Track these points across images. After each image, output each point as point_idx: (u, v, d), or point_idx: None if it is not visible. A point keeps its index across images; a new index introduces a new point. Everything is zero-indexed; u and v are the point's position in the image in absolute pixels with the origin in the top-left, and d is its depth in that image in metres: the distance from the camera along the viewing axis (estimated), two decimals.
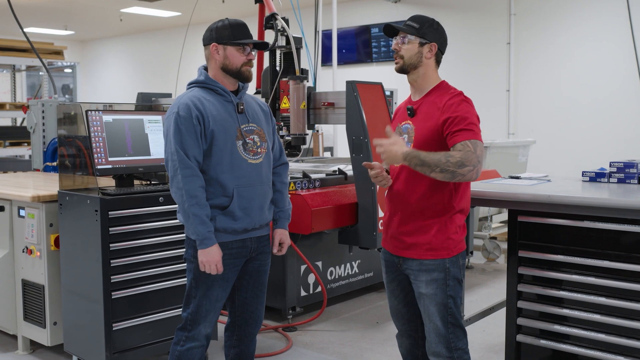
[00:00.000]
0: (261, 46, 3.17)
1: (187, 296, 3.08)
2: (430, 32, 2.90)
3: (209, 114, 2.96)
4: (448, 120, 2.75)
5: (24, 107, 6.75)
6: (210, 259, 2.92)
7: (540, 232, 3.38)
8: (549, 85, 8.90)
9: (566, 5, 8.68)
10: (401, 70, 2.95)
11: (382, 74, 10.61)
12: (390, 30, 2.98)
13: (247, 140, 3.05)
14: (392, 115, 3.21)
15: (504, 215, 6.91)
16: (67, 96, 19.51)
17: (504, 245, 7.34)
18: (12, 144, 9.18)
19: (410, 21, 2.94)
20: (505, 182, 3.79)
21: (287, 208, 3.28)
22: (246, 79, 3.09)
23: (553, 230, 3.34)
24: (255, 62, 6.10)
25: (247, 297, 3.19)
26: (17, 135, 9.18)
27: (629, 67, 8.08)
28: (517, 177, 3.95)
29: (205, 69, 3.11)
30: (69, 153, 4.09)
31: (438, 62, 2.96)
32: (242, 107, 3.07)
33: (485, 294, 5.77)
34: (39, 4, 11.88)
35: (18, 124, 10.01)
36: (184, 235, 3.07)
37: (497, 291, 5.89)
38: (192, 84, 3.10)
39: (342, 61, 11.11)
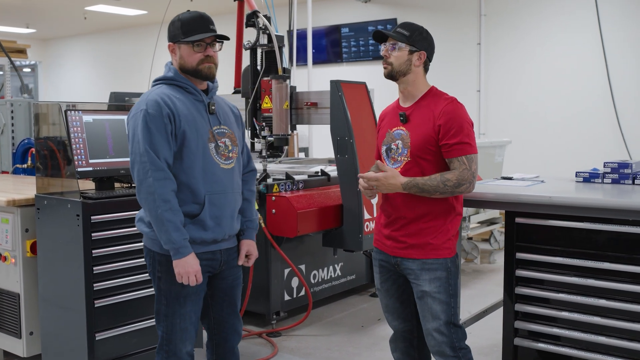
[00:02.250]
0: (221, 38, 2.84)
1: (157, 314, 2.85)
2: (420, 40, 2.92)
3: (180, 113, 2.73)
4: (444, 129, 2.81)
5: None
6: (189, 269, 2.69)
7: (539, 234, 3.33)
8: (520, 85, 8.94)
9: (536, 5, 8.72)
10: (389, 76, 2.97)
11: (353, 74, 10.57)
12: (379, 36, 2.98)
13: (219, 144, 2.82)
14: (379, 119, 3.19)
15: (482, 216, 6.90)
16: (25, 95, 18.99)
17: (482, 246, 7.37)
18: None
19: (401, 28, 2.94)
20: (500, 183, 3.74)
21: (255, 218, 3.06)
22: (206, 77, 2.81)
23: (552, 231, 3.29)
24: (233, 60, 6.03)
25: (223, 314, 2.97)
26: None
27: (597, 65, 8.16)
28: (510, 178, 3.90)
29: None
30: (46, 155, 3.90)
31: (426, 69, 3.00)
32: (213, 107, 2.84)
33: (467, 295, 5.72)
34: None
35: None
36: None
37: (478, 292, 5.87)
38: (159, 81, 2.86)
39: (313, 61, 10.99)
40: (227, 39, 2.87)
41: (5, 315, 4.07)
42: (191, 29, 2.77)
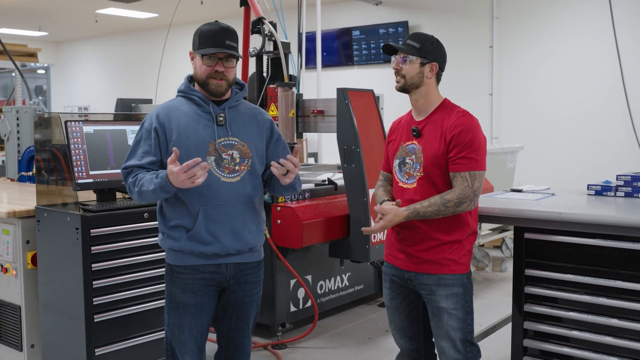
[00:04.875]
0: (232, 56, 2.77)
1: (164, 321, 2.87)
2: (431, 51, 2.86)
3: (174, 126, 2.71)
4: (453, 142, 2.76)
5: None
6: (175, 177, 2.53)
7: (548, 250, 3.22)
8: (532, 88, 8.80)
9: (549, 8, 8.58)
10: (402, 89, 2.91)
11: (364, 77, 10.49)
12: (389, 49, 2.90)
13: (224, 156, 2.73)
14: (388, 132, 3.11)
15: (493, 224, 6.78)
16: (40, 98, 19.07)
17: (493, 253, 7.25)
18: None
19: (411, 40, 2.87)
20: (509, 196, 3.63)
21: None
22: (212, 93, 2.76)
23: (562, 248, 3.18)
24: (239, 68, 5.96)
25: (231, 329, 2.91)
26: None
27: (612, 70, 8.00)
28: (519, 190, 3.79)
29: None
30: (47, 166, 3.85)
31: (439, 80, 2.93)
32: (221, 118, 2.76)
33: (478, 305, 5.59)
34: (11, 4, 11.53)
35: None
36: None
37: (489, 302, 5.76)
38: (177, 93, 2.87)
39: (324, 64, 10.91)
40: (239, 57, 2.80)
41: (6, 328, 4.02)
42: (206, 42, 2.73)
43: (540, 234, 3.21)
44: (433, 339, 2.98)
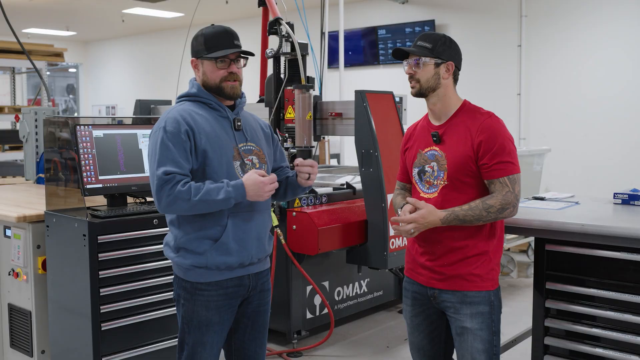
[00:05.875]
0: (245, 54, 2.71)
1: (180, 341, 2.73)
2: (444, 50, 2.67)
3: (201, 131, 2.59)
4: (484, 147, 2.59)
5: (16, 115, 6.45)
6: (258, 189, 2.52)
7: (571, 263, 3.07)
8: (562, 88, 8.57)
9: (580, 5, 8.34)
10: (419, 94, 2.72)
11: (389, 76, 10.34)
12: (400, 53, 2.72)
13: (246, 161, 2.67)
14: (403, 139, 2.92)
15: None
16: (71, 96, 19.34)
17: (518, 258, 7.06)
18: (12, 148, 8.90)
19: (422, 41, 2.69)
20: (531, 205, 3.47)
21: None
22: (229, 96, 2.68)
23: (585, 261, 3.02)
24: (254, 68, 5.86)
25: (244, 340, 2.80)
26: (17, 139, 8.87)
27: None
28: (542, 199, 3.63)
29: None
30: (56, 170, 3.79)
31: (456, 80, 2.75)
32: (239, 123, 2.70)
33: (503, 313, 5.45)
34: (39, 4, 11.61)
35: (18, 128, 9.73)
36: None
37: (514, 310, 5.58)
38: (182, 97, 2.74)
39: (349, 63, 10.81)
40: (252, 54, 2.72)
41: (17, 333, 3.98)
42: (215, 45, 2.63)
43: (562, 246, 3.05)
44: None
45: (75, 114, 17.53)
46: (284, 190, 2.88)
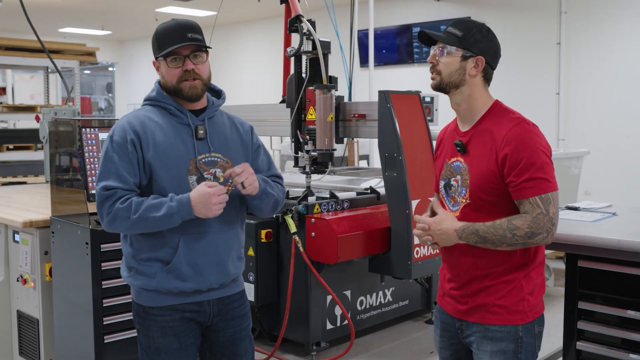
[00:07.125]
0: (198, 46, 2.38)
1: None
2: (477, 41, 2.24)
3: (150, 141, 2.33)
4: (510, 161, 2.16)
5: (36, 116, 6.39)
6: (205, 201, 2.23)
7: (605, 281, 2.80)
8: (603, 88, 8.20)
9: (621, 2, 7.96)
10: (437, 88, 2.30)
11: (423, 75, 9.99)
12: (426, 37, 2.31)
13: (206, 175, 2.37)
14: (436, 143, 2.52)
15: None
16: (110, 94, 19.52)
17: (553, 265, 6.72)
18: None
19: (453, 27, 2.28)
20: (563, 215, 3.18)
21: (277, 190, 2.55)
22: (188, 97, 2.38)
23: (621, 279, 2.75)
24: (281, 68, 5.68)
25: None
26: None
27: None
28: (576, 209, 3.34)
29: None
30: (61, 174, 3.66)
31: (487, 79, 2.30)
32: (201, 131, 2.41)
33: None
34: (74, 4, 11.67)
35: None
36: None
37: (548, 323, 5.27)
38: (145, 101, 2.49)
39: (382, 62, 10.59)
40: (206, 46, 2.41)
41: (26, 340, 3.87)
42: (166, 42, 2.36)
43: (596, 263, 2.78)
44: None
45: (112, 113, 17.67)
46: (259, 203, 2.51)
